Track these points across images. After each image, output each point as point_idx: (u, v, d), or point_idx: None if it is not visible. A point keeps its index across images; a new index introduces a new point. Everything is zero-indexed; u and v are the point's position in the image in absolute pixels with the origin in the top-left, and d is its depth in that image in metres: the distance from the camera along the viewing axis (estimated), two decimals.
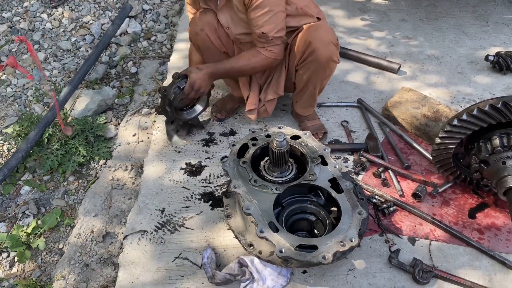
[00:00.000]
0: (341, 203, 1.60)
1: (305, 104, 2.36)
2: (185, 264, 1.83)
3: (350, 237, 1.49)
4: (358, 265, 1.82)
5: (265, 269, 1.75)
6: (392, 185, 2.13)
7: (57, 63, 3.28)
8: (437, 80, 2.81)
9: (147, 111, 2.81)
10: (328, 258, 1.42)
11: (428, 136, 2.33)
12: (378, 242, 1.90)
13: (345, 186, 1.65)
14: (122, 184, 2.39)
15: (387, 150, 2.31)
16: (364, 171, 2.20)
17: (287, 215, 1.70)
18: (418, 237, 1.91)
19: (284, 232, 1.52)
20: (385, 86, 2.77)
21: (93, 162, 2.57)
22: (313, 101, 2.34)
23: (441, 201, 2.06)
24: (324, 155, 1.75)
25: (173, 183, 2.17)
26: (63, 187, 2.47)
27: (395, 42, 3.17)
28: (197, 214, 2.02)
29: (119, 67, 3.28)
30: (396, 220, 1.98)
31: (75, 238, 2.16)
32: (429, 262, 1.82)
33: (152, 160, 2.29)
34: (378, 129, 2.45)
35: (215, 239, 1.92)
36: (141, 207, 2.05)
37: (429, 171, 2.20)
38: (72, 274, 2.03)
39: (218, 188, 2.15)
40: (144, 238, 1.93)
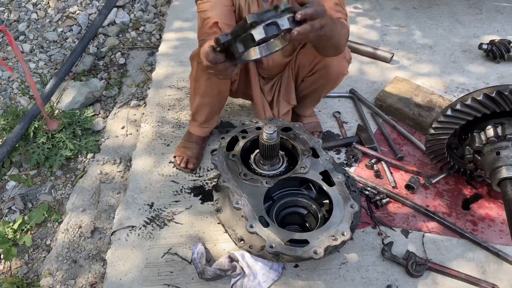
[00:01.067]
0: (332, 196, 1.56)
1: (307, 106, 2.29)
2: (174, 260, 1.80)
3: (342, 231, 1.45)
4: (350, 258, 1.79)
5: (256, 263, 1.72)
6: (385, 177, 2.11)
7: (43, 55, 3.20)
8: (430, 69, 2.78)
9: (136, 103, 2.76)
10: (319, 253, 1.39)
11: (422, 126, 2.31)
12: (371, 235, 1.88)
13: (337, 178, 1.62)
14: (111, 178, 2.34)
15: (380, 141, 2.28)
16: (356, 163, 2.17)
17: (278, 209, 1.67)
18: (411, 229, 1.89)
19: (275, 227, 1.49)
20: (378, 76, 2.73)
21: (81, 156, 2.52)
22: (315, 104, 2.29)
23: (434, 193, 2.04)
24: (315, 147, 1.72)
25: (162, 177, 2.13)
26: (50, 181, 2.42)
27: (387, 31, 3.12)
28: (186, 208, 1.98)
29: (107, 58, 3.21)
30: (389, 212, 1.96)
31: (63, 234, 2.12)
32: (423, 255, 1.80)
33: (140, 154, 2.24)
34: (371, 119, 2.42)
35: (205, 234, 1.88)
36: (129, 202, 2.01)
37: (423, 162, 2.18)
38: (60, 271, 1.99)
39: (208, 181, 2.11)
40: (132, 234, 1.89)
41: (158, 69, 2.79)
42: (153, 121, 2.41)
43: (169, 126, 2.40)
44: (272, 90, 2.19)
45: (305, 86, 2.13)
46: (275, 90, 2.19)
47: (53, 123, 2.45)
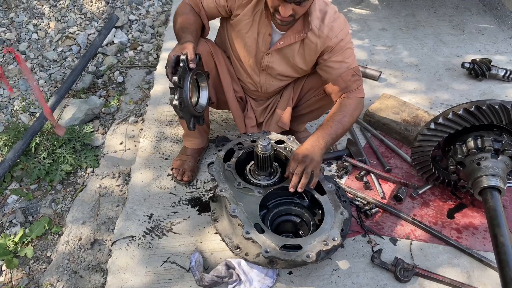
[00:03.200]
0: (324, 204, 1.65)
1: (303, 123, 2.36)
2: (173, 268, 1.86)
3: (333, 237, 1.54)
4: (342, 265, 1.87)
5: (252, 270, 1.79)
6: (374, 188, 2.19)
7: (44, 73, 3.28)
8: (416, 87, 2.90)
9: (134, 119, 2.84)
10: (312, 257, 1.47)
11: (408, 140, 2.40)
12: (361, 243, 1.95)
13: (328, 188, 1.71)
14: (110, 191, 2.40)
15: (369, 154, 2.37)
16: (347, 175, 2.26)
17: (272, 217, 1.75)
18: (399, 237, 1.97)
19: (270, 233, 1.57)
20: (367, 93, 2.69)
21: (81, 170, 2.58)
22: (312, 120, 2.37)
23: (421, 203, 2.13)
24: None
25: (160, 189, 2.20)
26: (51, 195, 2.47)
27: (375, 51, 3.26)
28: (184, 219, 2.05)
29: (106, 77, 3.30)
30: (378, 221, 2.04)
31: (63, 245, 2.16)
32: (410, 261, 1.88)
33: (139, 167, 2.31)
34: (360, 134, 2.52)
35: (203, 243, 1.95)
36: (129, 213, 2.08)
37: (409, 174, 2.27)
38: (61, 282, 2.03)
39: (205, 193, 2.18)
40: (132, 244, 1.96)
41: (156, 86, 2.89)
42: (151, 136, 2.50)
43: (167, 140, 2.49)
44: (265, 112, 2.24)
45: (310, 104, 2.17)
46: (269, 113, 2.24)
47: (60, 128, 2.52)
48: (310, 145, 1.73)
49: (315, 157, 1.69)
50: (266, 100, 2.23)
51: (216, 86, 2.13)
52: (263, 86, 2.10)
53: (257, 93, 2.17)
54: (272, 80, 2.07)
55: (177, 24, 1.91)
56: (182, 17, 1.92)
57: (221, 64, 2.07)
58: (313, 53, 1.88)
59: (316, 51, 1.86)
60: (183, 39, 1.78)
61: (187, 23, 1.89)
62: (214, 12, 1.95)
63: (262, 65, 1.99)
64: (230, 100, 2.16)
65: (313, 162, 1.67)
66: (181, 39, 1.80)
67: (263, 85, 2.09)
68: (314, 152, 1.70)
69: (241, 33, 1.92)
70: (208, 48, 1.99)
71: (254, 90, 2.15)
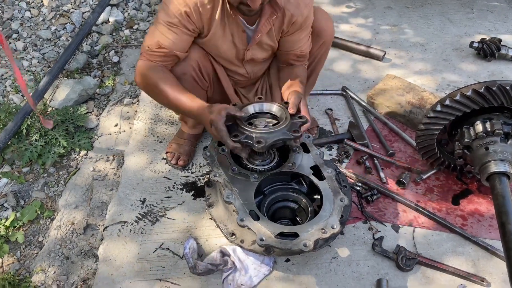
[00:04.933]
0: (322, 190, 1.58)
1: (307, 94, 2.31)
2: (166, 255, 1.80)
3: (332, 224, 1.47)
4: (341, 252, 1.80)
5: (248, 258, 1.73)
6: (376, 173, 2.12)
7: (37, 53, 3.19)
8: (422, 67, 2.80)
9: (129, 100, 2.75)
10: (309, 246, 1.40)
11: (413, 123, 2.32)
12: (361, 230, 1.89)
13: (327, 173, 1.63)
14: (104, 175, 2.34)
15: (371, 137, 2.29)
16: (348, 159, 2.18)
17: (268, 203, 1.68)
18: (401, 224, 1.90)
19: (265, 220, 1.50)
20: (370, 74, 2.75)
21: (74, 153, 2.51)
22: (310, 90, 2.31)
23: (425, 188, 2.06)
24: (306, 143, 1.73)
25: (154, 173, 2.13)
26: (43, 178, 2.41)
27: (380, 30, 3.14)
28: (178, 204, 1.99)
29: (101, 57, 3.20)
30: (379, 207, 1.97)
31: (55, 230, 2.11)
32: (413, 249, 1.82)
33: (133, 151, 2.24)
34: (363, 116, 2.43)
35: (197, 229, 1.89)
36: (122, 198, 2.01)
37: (413, 158, 2.19)
38: (52, 267, 1.98)
39: (201, 178, 2.11)
40: (124, 229, 1.90)
41: None
42: (146, 118, 2.42)
43: (162, 123, 2.40)
44: (257, 94, 2.18)
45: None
46: (261, 93, 2.18)
47: (48, 122, 2.44)
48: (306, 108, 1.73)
49: None
50: (253, 84, 2.20)
51: (215, 87, 2.08)
52: (252, 74, 2.07)
53: (246, 81, 2.13)
54: (257, 66, 2.05)
55: (170, 96, 1.70)
56: (166, 84, 1.71)
57: (216, 64, 2.00)
58: (280, 30, 1.86)
59: (282, 28, 1.84)
60: (202, 109, 1.63)
61: (179, 89, 1.71)
62: (189, 43, 1.81)
63: (245, 60, 1.95)
64: (232, 96, 2.11)
65: None
66: (196, 108, 1.65)
67: (251, 73, 2.06)
68: None
69: (217, 44, 1.84)
70: (202, 51, 1.90)
71: (244, 80, 2.11)
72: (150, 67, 1.73)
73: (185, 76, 1.83)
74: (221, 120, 1.52)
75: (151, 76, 1.72)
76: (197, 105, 1.64)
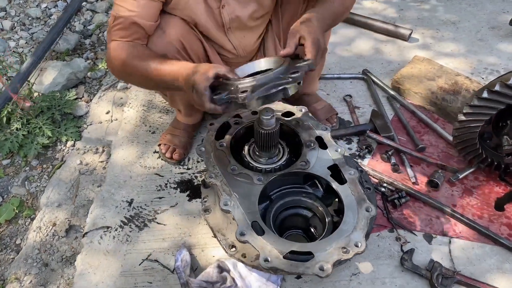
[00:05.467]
0: (343, 197, 1.28)
1: (313, 79, 1.97)
2: (154, 268, 1.54)
3: (356, 242, 1.17)
4: (363, 268, 1.52)
5: (251, 274, 1.46)
6: (403, 171, 1.84)
7: (25, 32, 2.95)
8: (453, 49, 2.51)
9: (123, 85, 2.47)
10: (326, 270, 1.11)
11: (446, 112, 2.04)
12: (387, 240, 1.61)
13: (349, 175, 1.33)
14: (91, 169, 2.08)
15: (398, 129, 2.02)
16: (370, 154, 1.91)
17: (276, 210, 1.39)
18: (435, 234, 1.62)
19: (271, 235, 1.21)
20: (395, 55, 2.47)
21: (60, 144, 2.27)
22: (320, 69, 1.97)
23: (462, 190, 1.76)
24: (323, 136, 1.43)
25: (144, 169, 1.87)
26: (24, 172, 2.17)
27: (405, 6, 2.86)
28: (171, 206, 1.73)
29: (94, 37, 2.93)
30: (408, 212, 1.69)
31: (35, 232, 1.88)
32: (450, 265, 1.53)
33: (121, 142, 1.97)
34: (387, 104, 2.15)
35: (192, 237, 1.62)
36: (105, 198, 1.75)
37: (447, 154, 1.90)
38: (28, 276, 1.74)
39: (198, 175, 1.85)
40: (106, 236, 1.64)
41: None
42: (138, 105, 2.15)
43: (155, 110, 2.13)
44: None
45: None
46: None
47: (24, 101, 2.18)
48: (316, 29, 1.33)
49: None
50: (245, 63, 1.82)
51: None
52: (239, 48, 1.70)
53: (237, 60, 1.76)
54: (244, 35, 1.66)
55: (148, 68, 1.37)
56: (141, 58, 1.39)
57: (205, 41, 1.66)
58: None
59: None
60: (187, 69, 1.28)
61: (158, 57, 1.39)
62: (155, 9, 1.46)
63: (225, 23, 1.58)
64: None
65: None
66: (178, 74, 1.31)
67: (238, 46, 1.69)
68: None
69: (188, 6, 1.49)
70: (185, 25, 1.55)
71: (233, 58, 1.74)
72: (118, 46, 1.41)
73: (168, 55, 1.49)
74: (205, 81, 1.19)
75: (119, 54, 1.40)
76: (179, 66, 1.30)
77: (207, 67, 1.22)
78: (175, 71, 1.30)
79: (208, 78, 1.19)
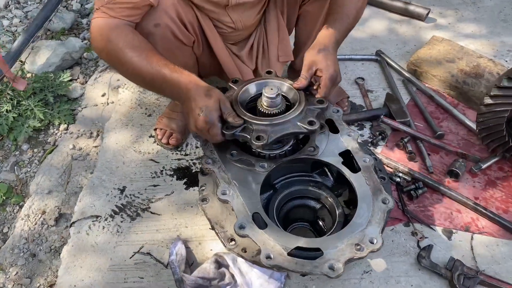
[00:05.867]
0: (357, 187, 1.14)
1: None
2: (146, 262, 1.43)
3: (371, 237, 1.03)
4: (375, 265, 1.39)
5: (252, 270, 1.33)
6: (420, 160, 1.71)
7: (19, 11, 2.84)
8: (474, 30, 2.35)
9: None
10: (337, 270, 0.98)
11: (467, 97, 1.90)
12: (402, 235, 1.48)
13: (363, 162, 1.18)
14: (85, 154, 1.97)
15: (414, 114, 1.89)
16: (384, 141, 1.78)
17: (280, 201, 1.25)
18: (455, 229, 1.49)
19: (274, 229, 1.07)
20: (410, 36, 2.32)
21: (53, 127, 2.16)
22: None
23: (484, 181, 1.63)
24: (334, 119, 1.28)
25: (139, 154, 1.75)
26: (14, 157, 2.06)
27: None
28: (166, 195, 1.61)
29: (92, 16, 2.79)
30: (426, 205, 1.56)
31: (23, 220, 1.78)
32: (472, 263, 1.40)
33: (114, 126, 1.86)
34: (402, 88, 2.02)
35: (188, 229, 1.51)
36: (96, 185, 1.64)
37: (468, 142, 1.77)
38: (14, 267, 1.65)
39: (196, 161, 1.73)
40: (95, 226, 1.53)
41: None
42: (133, 86, 2.04)
43: (152, 92, 1.99)
44: (252, 53, 1.69)
45: (309, 13, 1.61)
46: (258, 50, 1.69)
47: (20, 81, 2.06)
48: (334, 60, 1.31)
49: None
50: (246, 39, 1.68)
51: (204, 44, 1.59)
52: (238, 22, 1.55)
53: (234, 34, 1.61)
54: (244, 9, 1.52)
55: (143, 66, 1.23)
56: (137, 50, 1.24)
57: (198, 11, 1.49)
58: None
59: None
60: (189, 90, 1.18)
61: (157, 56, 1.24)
62: None
63: (229, 4, 1.43)
64: (221, 56, 1.61)
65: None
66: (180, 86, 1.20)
67: (238, 21, 1.54)
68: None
69: None
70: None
71: (231, 32, 1.59)
72: (112, 25, 1.24)
73: (158, 29, 1.34)
74: (218, 112, 1.15)
75: (115, 39, 1.23)
76: (187, 78, 1.19)
77: (222, 97, 1.18)
78: (176, 79, 1.19)
79: (224, 108, 1.15)
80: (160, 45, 1.36)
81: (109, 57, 1.28)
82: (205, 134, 1.17)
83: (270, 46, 1.65)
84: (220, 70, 1.65)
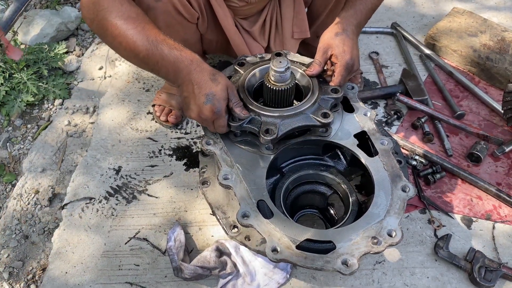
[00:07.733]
0: (374, 172, 1.04)
1: None
2: (142, 248, 1.37)
3: (389, 230, 0.94)
4: (389, 256, 1.32)
5: (256, 259, 1.26)
6: (438, 142, 1.64)
7: None
8: (498, 1, 2.25)
9: None
10: (351, 266, 0.89)
11: (490, 74, 1.81)
12: (418, 223, 1.40)
13: (381, 144, 1.08)
14: (80, 131, 1.89)
15: (432, 92, 1.82)
16: (399, 121, 1.70)
17: (288, 186, 1.16)
18: (476, 217, 1.43)
19: (281, 218, 0.97)
20: (428, 8, 2.22)
21: (47, 102, 2.08)
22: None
23: (508, 166, 1.56)
24: (349, 97, 1.17)
25: (136, 132, 1.68)
26: (7, 133, 1.99)
27: None
28: (165, 176, 1.55)
29: None
30: (444, 191, 1.49)
31: (15, 200, 1.71)
32: (493, 255, 1.33)
33: (110, 101, 1.78)
34: (419, 63, 1.94)
35: (188, 213, 1.44)
36: (90, 164, 1.57)
37: (490, 123, 1.69)
38: (6, 249, 1.58)
39: (197, 140, 1.65)
40: (89, 209, 1.46)
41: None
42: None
43: None
44: (264, 28, 1.58)
45: None
46: (271, 26, 1.58)
47: (15, 51, 1.96)
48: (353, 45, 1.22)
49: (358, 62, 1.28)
50: (258, 13, 1.56)
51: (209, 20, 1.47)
52: None
53: (246, 8, 1.49)
54: None
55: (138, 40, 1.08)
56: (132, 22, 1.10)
57: None
58: None
59: None
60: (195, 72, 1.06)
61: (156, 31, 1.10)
62: None
63: None
64: (230, 32, 1.49)
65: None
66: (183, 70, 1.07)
67: None
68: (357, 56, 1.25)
69: None
70: None
71: (243, 6, 1.47)
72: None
73: (160, 3, 1.23)
74: (226, 101, 1.06)
75: (108, 7, 1.10)
76: (188, 57, 1.06)
77: (230, 84, 1.09)
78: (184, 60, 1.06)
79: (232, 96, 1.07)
80: (161, 21, 1.26)
81: (100, 27, 1.15)
82: (208, 124, 1.08)
83: (284, 21, 1.53)
84: (228, 47, 1.54)
